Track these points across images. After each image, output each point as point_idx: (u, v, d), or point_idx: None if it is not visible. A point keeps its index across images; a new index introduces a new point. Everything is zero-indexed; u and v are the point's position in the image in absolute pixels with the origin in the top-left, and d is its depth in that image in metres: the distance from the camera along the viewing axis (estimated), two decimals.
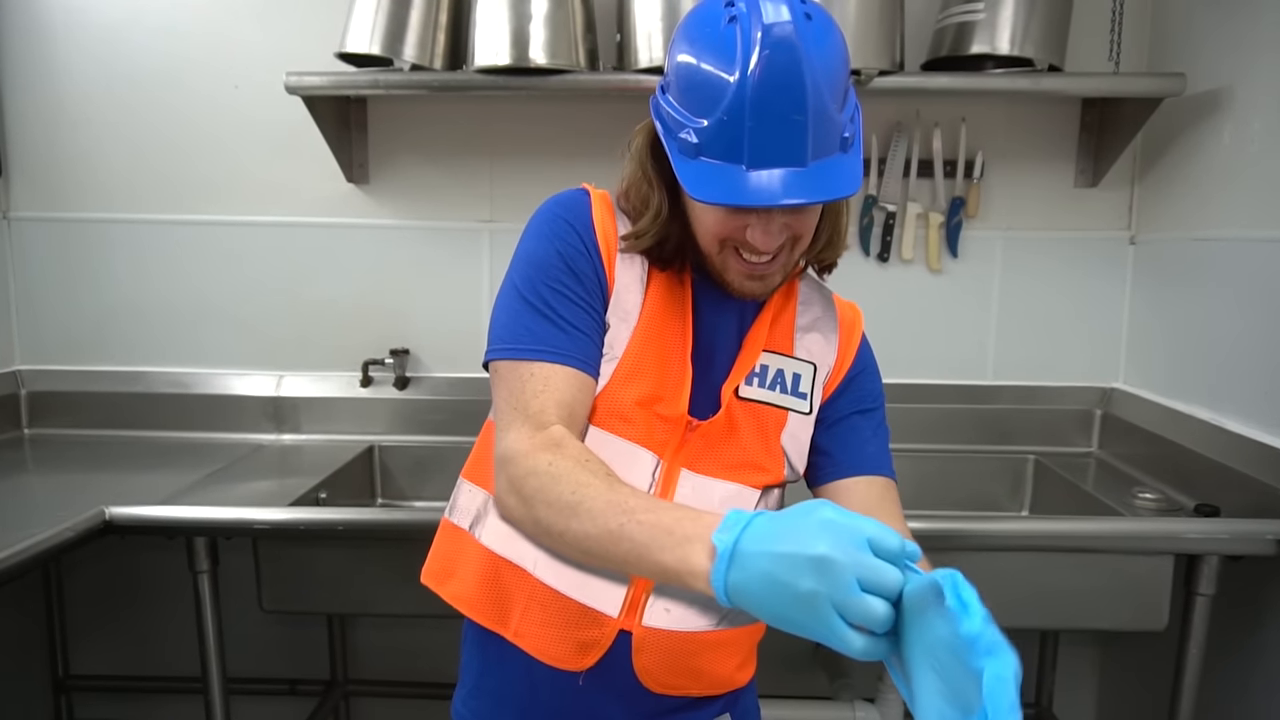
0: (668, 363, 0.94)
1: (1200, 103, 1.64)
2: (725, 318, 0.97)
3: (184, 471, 1.68)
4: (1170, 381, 1.75)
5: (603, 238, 0.93)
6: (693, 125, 0.82)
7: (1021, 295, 1.92)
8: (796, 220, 0.87)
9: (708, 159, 0.81)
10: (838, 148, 0.82)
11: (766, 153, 0.79)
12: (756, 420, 0.96)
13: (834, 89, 0.80)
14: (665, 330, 0.94)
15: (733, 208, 0.84)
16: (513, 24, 1.59)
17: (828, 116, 0.80)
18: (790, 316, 0.99)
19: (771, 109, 0.78)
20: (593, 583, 0.91)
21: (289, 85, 1.65)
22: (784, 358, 0.97)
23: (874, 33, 1.59)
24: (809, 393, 0.97)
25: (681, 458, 0.93)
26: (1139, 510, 1.53)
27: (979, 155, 1.85)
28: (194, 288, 1.99)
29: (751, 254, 0.88)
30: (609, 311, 0.93)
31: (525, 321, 0.89)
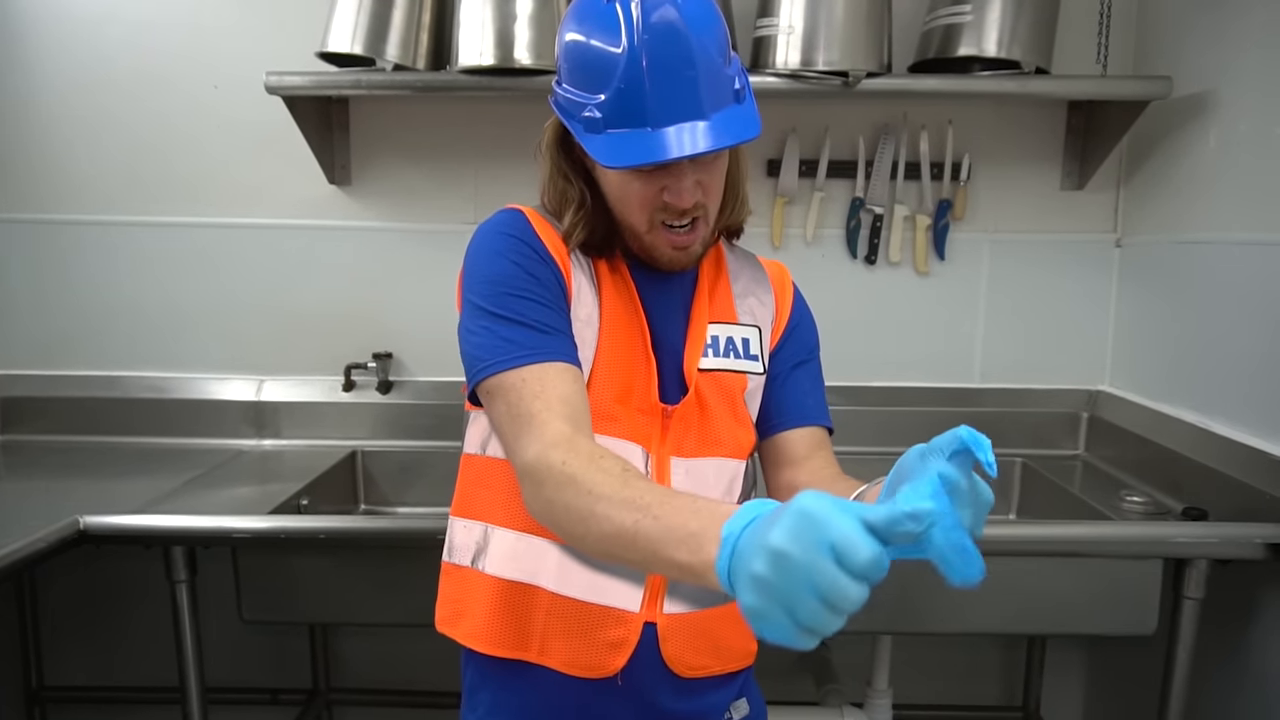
0: (634, 356, 0.96)
1: (1186, 105, 1.64)
2: (667, 298, 1.00)
3: (162, 478, 1.65)
4: (1156, 384, 1.76)
5: (551, 245, 0.95)
6: (592, 102, 0.86)
7: (1008, 298, 1.92)
8: (706, 175, 0.91)
9: (613, 131, 0.86)
10: (732, 99, 0.87)
11: (667, 110, 0.84)
12: (721, 390, 0.99)
13: (717, 44, 0.86)
14: (625, 325, 0.97)
15: (647, 173, 0.89)
16: (497, 24, 1.57)
17: (717, 70, 0.86)
18: (725, 286, 1.04)
19: (664, 67, 0.83)
20: (609, 583, 0.92)
21: (269, 85, 1.62)
22: (730, 325, 1.01)
23: (861, 35, 1.58)
24: (760, 354, 1.02)
25: (668, 445, 0.96)
26: (1126, 513, 1.53)
27: (966, 158, 1.85)
28: (173, 291, 1.95)
29: (673, 220, 0.92)
30: (571, 316, 0.94)
31: (502, 334, 0.88)
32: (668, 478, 0.95)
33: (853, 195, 1.87)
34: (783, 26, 1.58)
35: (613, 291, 0.98)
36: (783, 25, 1.58)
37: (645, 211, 0.92)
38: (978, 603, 1.41)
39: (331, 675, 2.06)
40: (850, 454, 1.89)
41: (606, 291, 0.97)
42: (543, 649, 0.93)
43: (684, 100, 0.84)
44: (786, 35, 1.58)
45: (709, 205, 0.94)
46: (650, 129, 0.84)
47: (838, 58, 1.57)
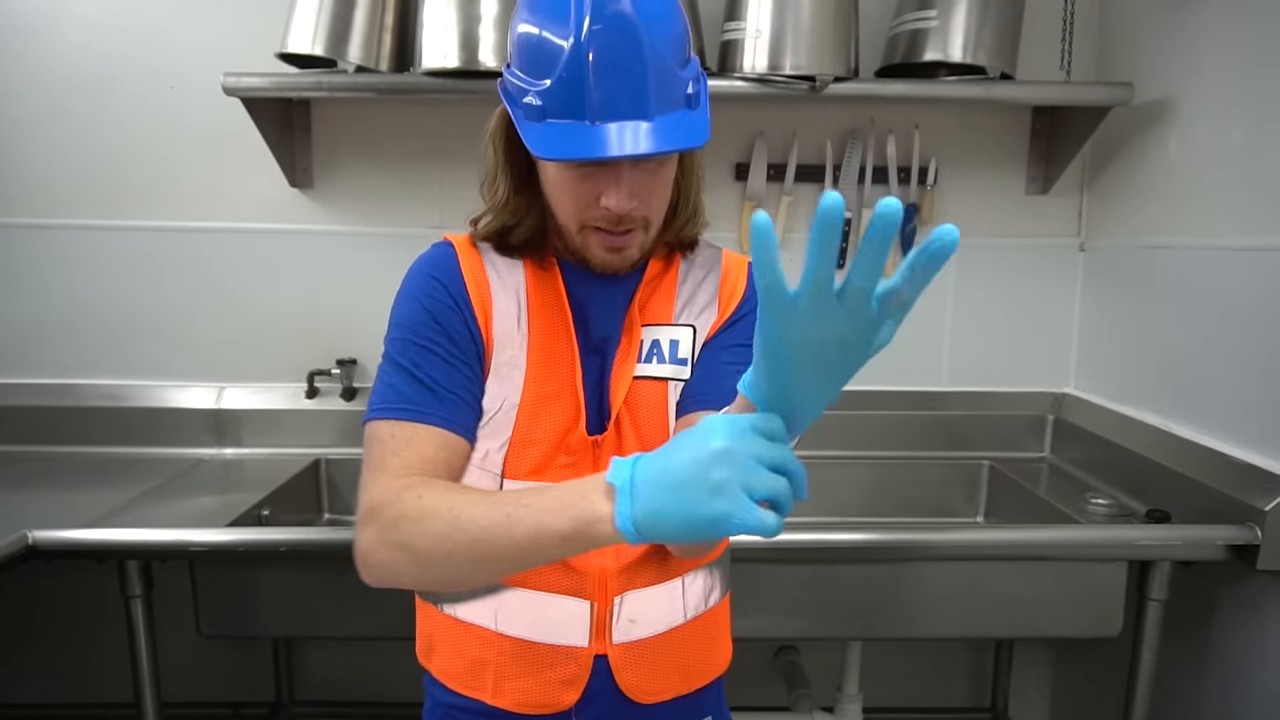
0: (560, 394, 0.93)
1: (1147, 112, 1.66)
2: (607, 296, 0.96)
3: (118, 489, 1.61)
4: (1120, 387, 1.77)
5: (473, 287, 0.92)
6: (534, 89, 0.82)
7: (975, 301, 1.93)
8: (648, 181, 0.87)
9: (553, 120, 0.82)
10: (683, 104, 0.84)
11: (609, 106, 0.80)
12: (647, 401, 0.95)
13: (671, 46, 0.82)
14: (552, 359, 0.93)
15: (585, 173, 0.85)
16: (461, 26, 1.55)
17: (668, 71, 0.82)
18: (669, 285, 0.99)
19: (610, 61, 0.79)
20: (553, 620, 0.91)
21: (227, 86, 1.59)
22: (663, 328, 0.96)
23: (829, 39, 1.57)
24: (689, 357, 0.96)
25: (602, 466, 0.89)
26: (1091, 516, 1.54)
27: (933, 162, 1.85)
28: (129, 297, 1.90)
29: (607, 225, 0.88)
30: (494, 362, 0.92)
31: (394, 382, 0.89)
32: None
33: None
34: (750, 30, 1.58)
35: (542, 315, 0.94)
36: (750, 29, 1.58)
37: (578, 212, 0.88)
38: (945, 607, 1.41)
39: (295, 688, 2.02)
40: (818, 458, 1.90)
41: (535, 318, 0.94)
42: (496, 690, 0.93)
43: (629, 98, 0.80)
44: (754, 39, 1.58)
45: (650, 215, 0.90)
46: (590, 123, 0.80)
47: (805, 62, 1.57)
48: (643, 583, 0.93)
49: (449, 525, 0.75)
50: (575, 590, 0.91)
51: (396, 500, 0.80)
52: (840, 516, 1.87)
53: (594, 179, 0.85)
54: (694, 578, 0.97)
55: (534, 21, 0.83)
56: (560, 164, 0.86)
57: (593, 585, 0.91)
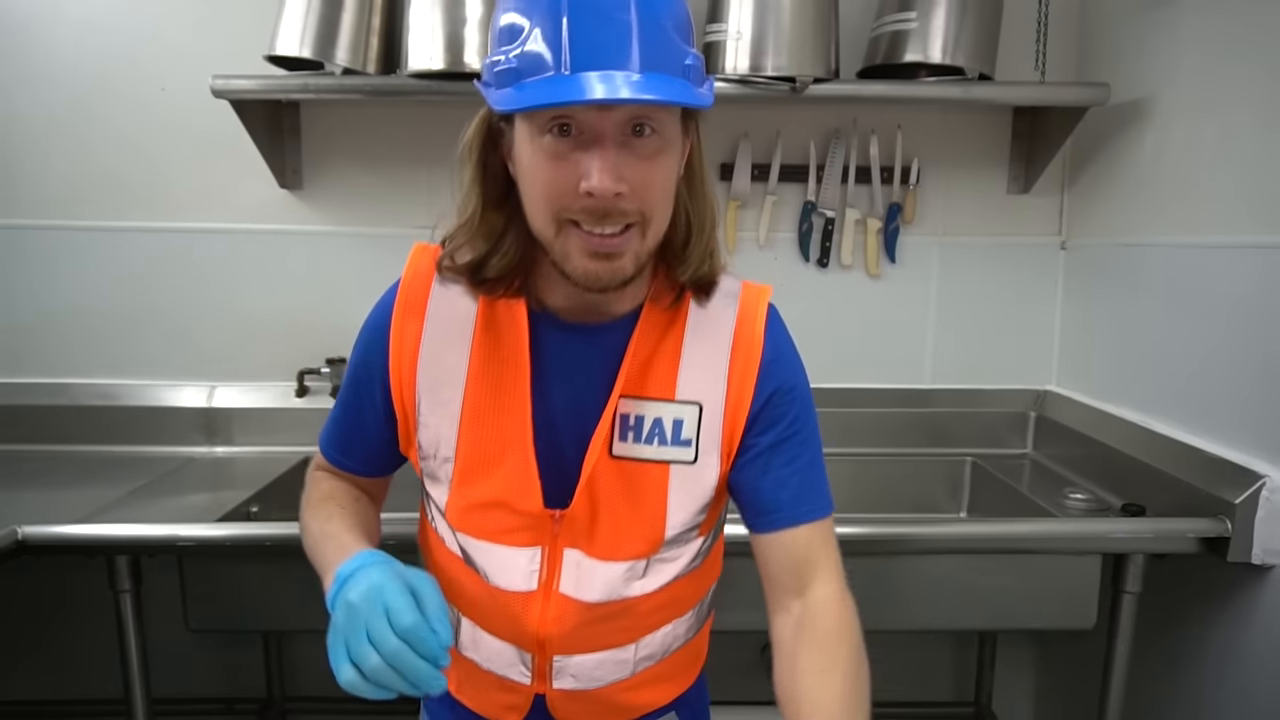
0: (507, 454, 0.85)
1: (1124, 112, 1.68)
2: (589, 359, 0.86)
3: (110, 486, 1.62)
4: (1100, 384, 1.80)
5: (397, 340, 0.87)
6: (508, 52, 0.72)
7: (958, 299, 1.95)
8: (640, 168, 0.74)
9: (525, 81, 0.71)
10: (680, 72, 0.72)
11: (588, 52, 0.69)
12: (632, 482, 0.85)
13: (669, 10, 0.72)
14: (500, 416, 0.85)
15: (560, 154, 0.73)
16: (446, 28, 1.57)
17: (661, 29, 0.71)
18: (672, 350, 0.86)
19: (591, 4, 0.69)
20: (499, 657, 0.92)
21: (215, 89, 1.61)
22: (663, 404, 0.85)
23: (809, 41, 1.60)
24: (693, 438, 0.85)
25: (562, 540, 0.87)
26: (1069, 510, 1.56)
27: (915, 162, 1.87)
28: (121, 297, 1.92)
29: (590, 221, 0.74)
30: (424, 412, 0.87)
31: (334, 412, 0.99)
32: (559, 572, 0.87)
33: (804, 199, 1.89)
34: (731, 32, 1.60)
35: (490, 363, 0.85)
36: (732, 31, 1.60)
37: (553, 203, 0.75)
38: (924, 600, 1.43)
39: (286, 684, 2.04)
40: None
41: (481, 365, 0.85)
42: (459, 688, 0.98)
43: (611, 46, 0.69)
44: (735, 40, 1.60)
45: (646, 209, 0.75)
46: (566, 73, 0.69)
47: (785, 63, 1.59)
48: (585, 648, 0.90)
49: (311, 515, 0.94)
50: (516, 640, 0.90)
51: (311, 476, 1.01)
52: None
53: (573, 160, 0.73)
54: (652, 638, 0.93)
55: (511, 4, 0.74)
56: (535, 147, 0.74)
57: (530, 641, 0.89)
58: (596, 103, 0.69)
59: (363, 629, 0.71)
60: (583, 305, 0.85)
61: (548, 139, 0.74)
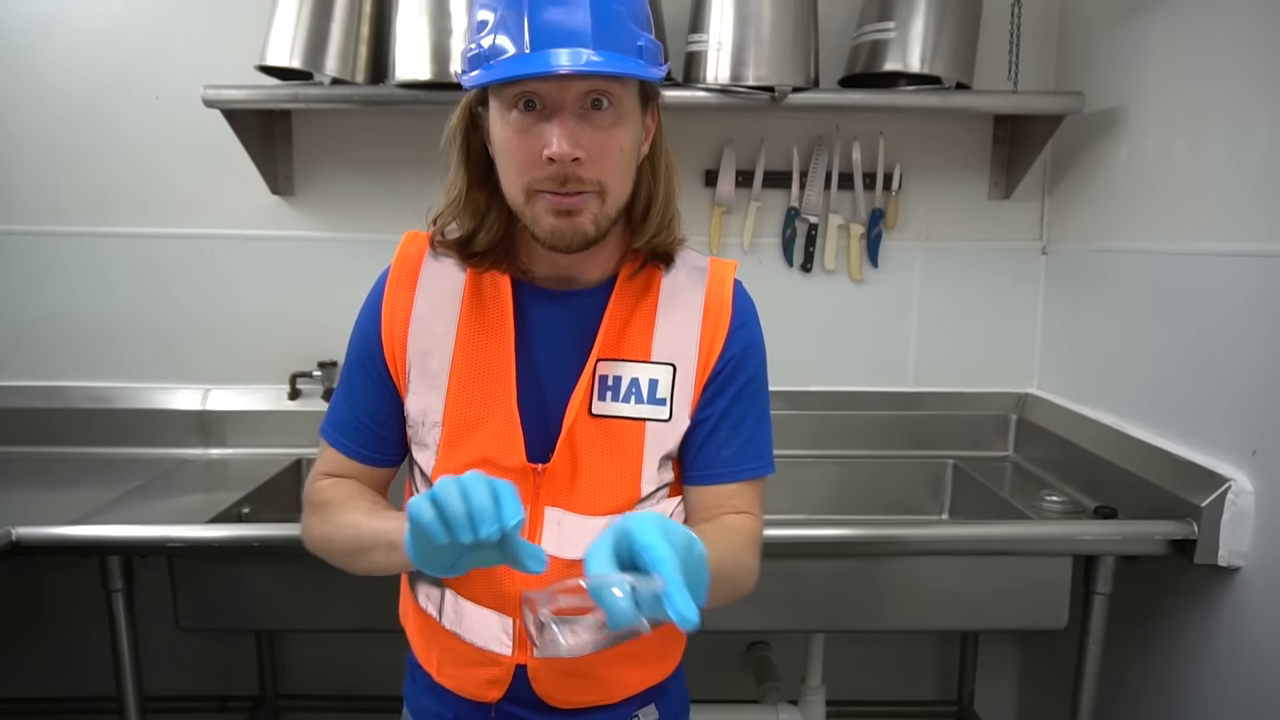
0: (493, 414, 0.92)
1: (1100, 120, 1.71)
2: (567, 325, 0.93)
3: (104, 488, 1.66)
4: (1079, 387, 1.82)
5: (389, 311, 0.95)
6: (478, 38, 0.83)
7: (940, 304, 1.98)
8: (597, 138, 0.83)
9: (492, 62, 0.81)
10: (634, 52, 0.82)
11: (545, 33, 0.79)
12: (611, 439, 0.92)
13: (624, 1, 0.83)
14: (486, 379, 0.92)
15: (525, 126, 0.82)
16: (432, 39, 1.60)
17: (614, 14, 0.81)
18: (647, 315, 0.94)
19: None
20: (479, 627, 0.95)
21: (207, 99, 1.64)
22: (640, 364, 0.92)
23: (788, 51, 1.62)
24: (668, 397, 0.92)
25: (543, 497, 0.92)
26: (1045, 512, 1.59)
27: (897, 168, 1.90)
28: (116, 301, 1.95)
29: (552, 185, 0.83)
30: (413, 374, 0.94)
31: (335, 399, 1.02)
32: (540, 532, 0.91)
33: (788, 205, 1.92)
34: (712, 42, 1.63)
35: (477, 330, 0.93)
36: (712, 41, 1.63)
37: (522, 173, 0.84)
38: (902, 601, 1.46)
39: (279, 681, 2.07)
40: (789, 457, 1.95)
41: (468, 332, 0.93)
42: (439, 670, 1.00)
43: (567, 25, 0.79)
44: (716, 51, 1.63)
45: (602, 178, 0.84)
46: (527, 53, 0.79)
47: (765, 73, 1.62)
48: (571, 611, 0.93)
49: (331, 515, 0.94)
50: (499, 606, 0.93)
51: (309, 494, 0.99)
52: (808, 514, 1.92)
53: (536, 131, 0.82)
54: None
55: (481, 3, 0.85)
56: (504, 123, 0.83)
57: (511, 604, 0.92)
58: (551, 73, 0.78)
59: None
60: (560, 274, 0.93)
61: (514, 114, 0.83)
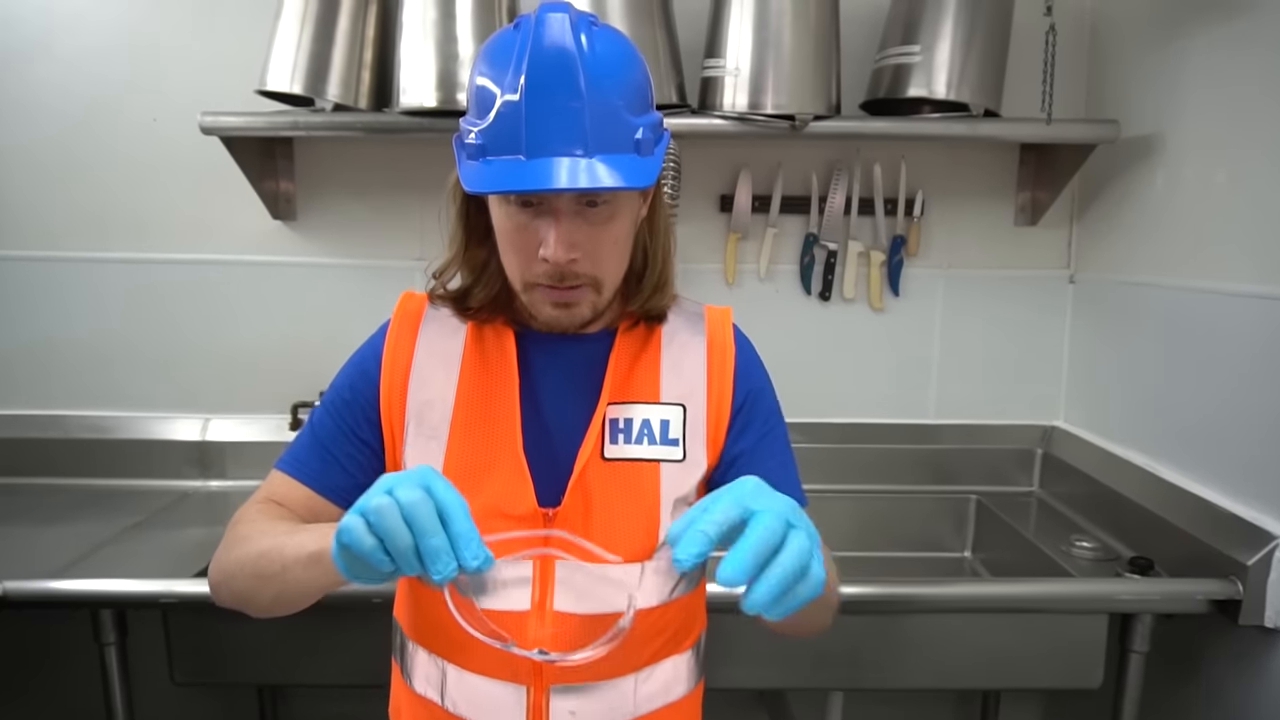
0: (498, 460, 0.88)
1: (1134, 147, 1.63)
2: (572, 371, 0.93)
3: (101, 523, 1.61)
4: (1107, 423, 1.75)
5: (391, 355, 0.93)
6: (478, 127, 0.81)
7: (963, 333, 1.91)
8: (593, 235, 0.84)
9: (491, 158, 0.80)
10: (630, 148, 0.81)
11: (542, 141, 0.78)
12: (625, 482, 0.89)
13: (621, 89, 0.81)
14: (490, 426, 0.90)
15: (522, 220, 0.83)
16: (439, 65, 1.53)
17: (611, 110, 0.80)
18: (653, 357, 0.94)
19: (545, 93, 0.77)
20: (491, 703, 0.89)
21: (204, 126, 1.58)
22: (650, 406, 0.91)
23: (809, 77, 1.55)
24: (680, 438, 0.91)
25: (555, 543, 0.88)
26: (1075, 559, 1.52)
27: (919, 194, 1.83)
28: (113, 328, 1.90)
29: (549, 278, 0.85)
30: (412, 430, 0.90)
31: (299, 440, 0.96)
32: (552, 586, 0.86)
33: (806, 231, 1.85)
34: (729, 68, 1.56)
35: (479, 381, 0.91)
36: (730, 67, 1.56)
37: (522, 268, 0.86)
38: (928, 658, 1.39)
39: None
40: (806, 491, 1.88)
41: (470, 383, 0.91)
42: None
43: (564, 132, 0.78)
44: (733, 77, 1.56)
45: (599, 274, 0.86)
46: (523, 158, 0.78)
47: (785, 100, 1.55)
48: (581, 678, 0.88)
49: (251, 539, 0.84)
50: (510, 675, 0.88)
51: (236, 520, 0.90)
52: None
53: (533, 229, 0.83)
54: (651, 672, 0.92)
55: (483, 69, 0.82)
56: (502, 213, 0.85)
57: (525, 672, 0.88)
58: (547, 191, 0.79)
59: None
60: None
61: (512, 207, 0.84)
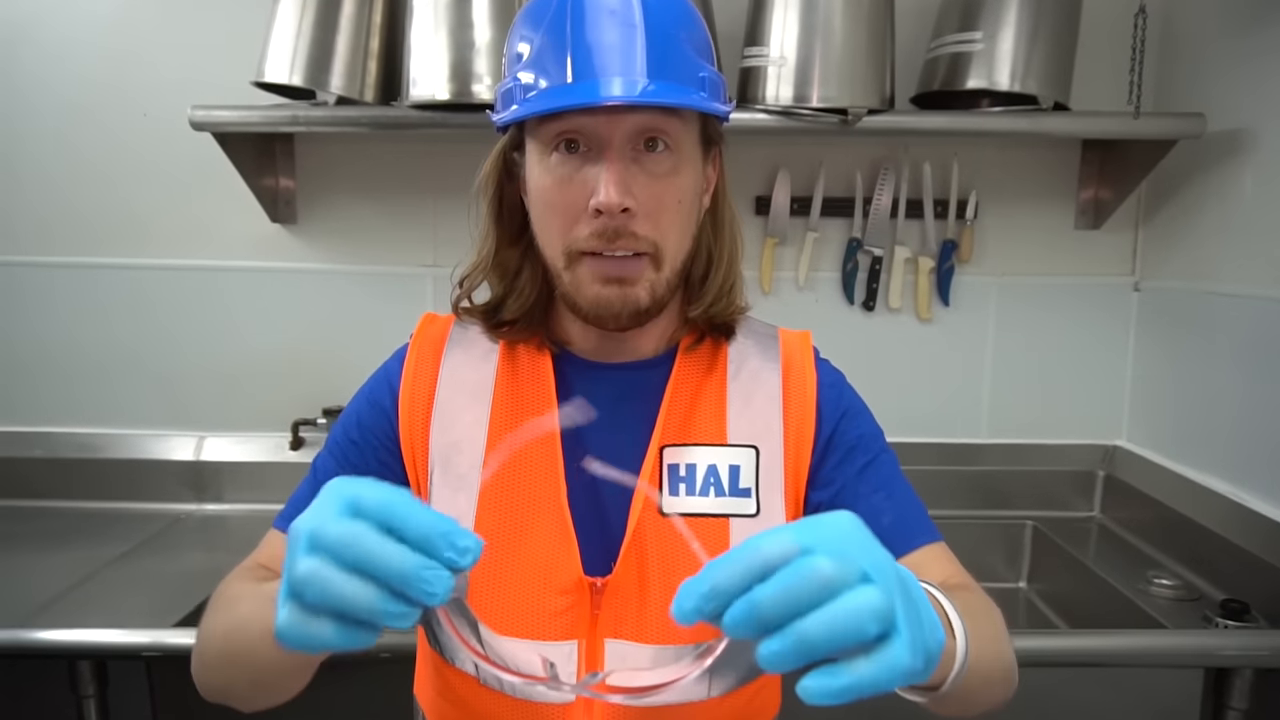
0: (538, 517, 0.74)
1: (1215, 144, 1.48)
2: (623, 405, 0.78)
3: (88, 551, 1.50)
4: (1179, 444, 1.61)
5: (410, 393, 0.79)
6: (515, 70, 0.71)
7: (1018, 346, 1.77)
8: (652, 186, 0.70)
9: (529, 96, 0.70)
10: (694, 83, 0.70)
11: (593, 61, 0.67)
12: (683, 545, 0.72)
13: (682, 23, 0.71)
14: (528, 474, 0.75)
15: (568, 170, 0.70)
16: (452, 54, 1.39)
17: (672, 40, 0.69)
18: (718, 391, 0.79)
19: (595, 17, 0.68)
20: None
21: (195, 120, 1.44)
22: (715, 449, 0.76)
23: (862, 67, 1.41)
24: (752, 487, 0.76)
25: (602, 626, 0.73)
26: (1154, 598, 1.38)
27: (972, 195, 1.69)
28: (100, 339, 1.77)
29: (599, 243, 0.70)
30: (437, 481, 0.76)
31: (301, 489, 0.81)
32: (601, 665, 0.73)
33: (849, 235, 1.71)
34: (773, 57, 1.41)
35: (513, 416, 0.77)
36: (773, 56, 1.42)
37: (565, 230, 0.71)
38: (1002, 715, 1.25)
39: None
40: None
41: (503, 420, 0.77)
42: None
43: (616, 52, 0.67)
44: (778, 67, 1.41)
45: (657, 235, 0.71)
46: (569, 82, 0.67)
47: (835, 93, 1.40)
48: None
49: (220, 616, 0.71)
50: None
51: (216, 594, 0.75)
52: None
53: (580, 179, 0.70)
54: None
55: (520, 30, 0.73)
56: (542, 169, 0.72)
57: None
58: (598, 103, 0.66)
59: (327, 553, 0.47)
60: (606, 345, 0.80)
61: (554, 158, 0.71)
